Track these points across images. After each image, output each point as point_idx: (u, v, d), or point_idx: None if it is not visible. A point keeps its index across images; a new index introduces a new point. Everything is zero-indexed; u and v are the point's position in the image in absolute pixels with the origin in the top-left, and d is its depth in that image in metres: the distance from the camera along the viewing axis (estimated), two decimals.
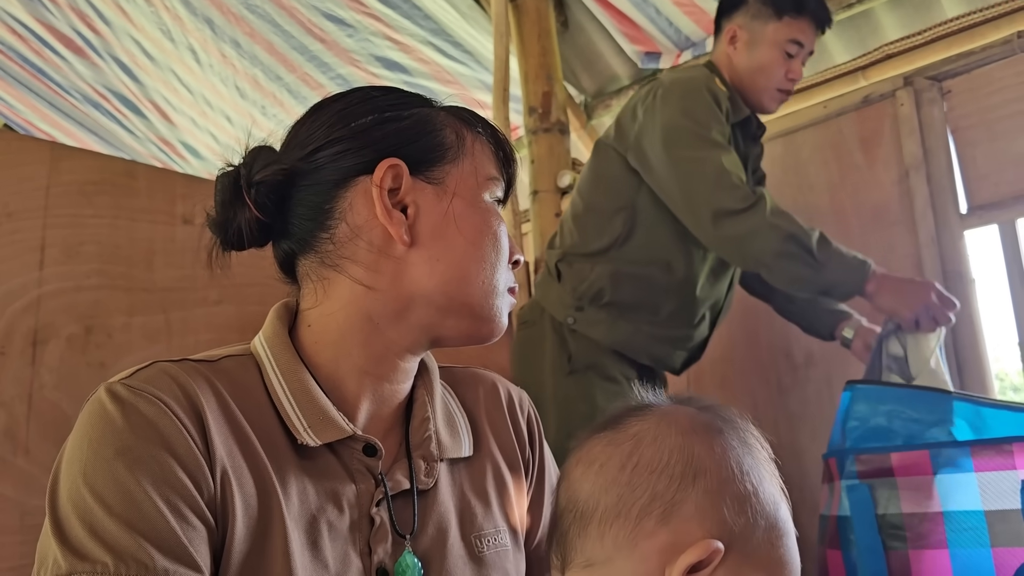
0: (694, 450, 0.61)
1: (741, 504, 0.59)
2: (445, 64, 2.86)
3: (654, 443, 0.62)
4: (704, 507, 0.59)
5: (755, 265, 1.63)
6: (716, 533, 0.58)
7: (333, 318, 0.74)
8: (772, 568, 0.60)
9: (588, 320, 1.72)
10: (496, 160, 0.80)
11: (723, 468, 0.61)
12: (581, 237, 1.79)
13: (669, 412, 0.65)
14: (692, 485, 0.59)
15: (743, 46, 1.76)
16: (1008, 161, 1.90)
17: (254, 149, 0.76)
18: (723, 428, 0.64)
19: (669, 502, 0.59)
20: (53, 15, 3.03)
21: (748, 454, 0.63)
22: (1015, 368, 5.54)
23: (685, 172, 1.63)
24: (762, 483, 0.62)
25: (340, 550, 0.69)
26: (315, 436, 0.70)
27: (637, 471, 0.61)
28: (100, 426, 0.62)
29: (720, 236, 1.61)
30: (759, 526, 0.60)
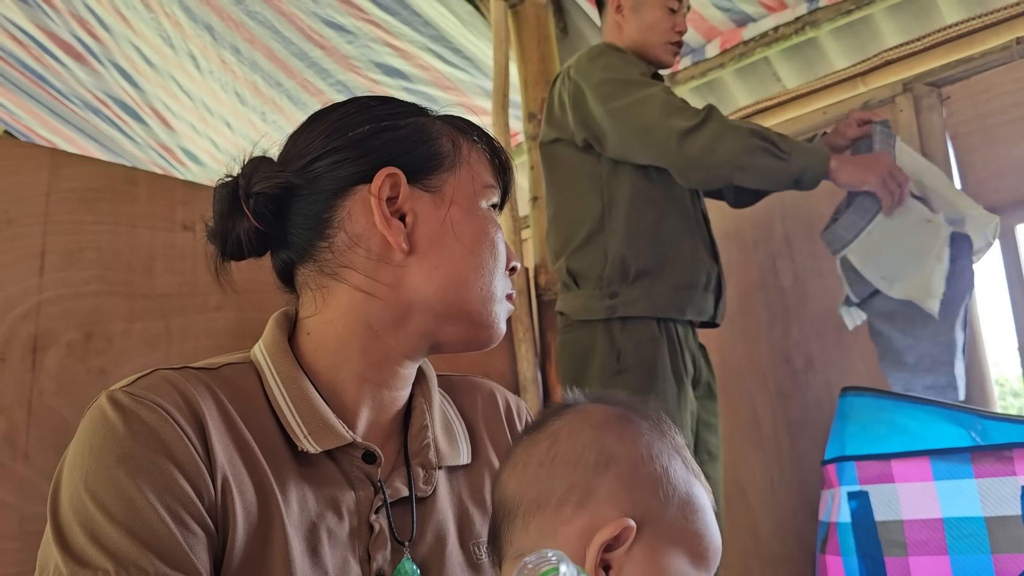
0: (605, 441, 0.65)
1: (653, 485, 0.63)
2: (445, 70, 2.87)
3: (569, 438, 0.66)
4: (616, 490, 0.62)
5: (728, 171, 1.64)
6: (630, 512, 0.61)
7: (332, 326, 0.74)
8: (689, 541, 0.63)
9: (628, 301, 1.70)
10: (492, 168, 0.80)
11: (634, 454, 0.64)
12: (569, 232, 1.79)
13: (583, 409, 0.69)
14: (605, 471, 0.63)
15: (629, 12, 1.85)
16: (1007, 167, 1.90)
17: (252, 160, 0.76)
18: (633, 418, 0.68)
19: (584, 489, 0.62)
20: (53, 21, 3.03)
21: (658, 440, 0.67)
22: (1015, 373, 5.55)
23: (632, 116, 1.68)
24: (672, 465, 0.65)
25: (340, 557, 0.70)
26: (315, 443, 0.70)
27: (555, 464, 0.64)
28: (101, 433, 0.62)
29: (689, 156, 1.63)
30: (672, 504, 0.63)
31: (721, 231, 2.23)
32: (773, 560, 2.17)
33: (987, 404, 1.86)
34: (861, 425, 1.67)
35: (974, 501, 1.47)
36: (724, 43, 2.47)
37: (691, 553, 0.63)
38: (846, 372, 2.07)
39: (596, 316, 1.72)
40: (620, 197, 1.75)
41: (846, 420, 1.69)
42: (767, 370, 2.23)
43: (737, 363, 2.29)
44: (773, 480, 2.19)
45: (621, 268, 1.71)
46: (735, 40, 2.44)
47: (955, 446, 1.53)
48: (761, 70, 2.52)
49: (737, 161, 1.62)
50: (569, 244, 1.79)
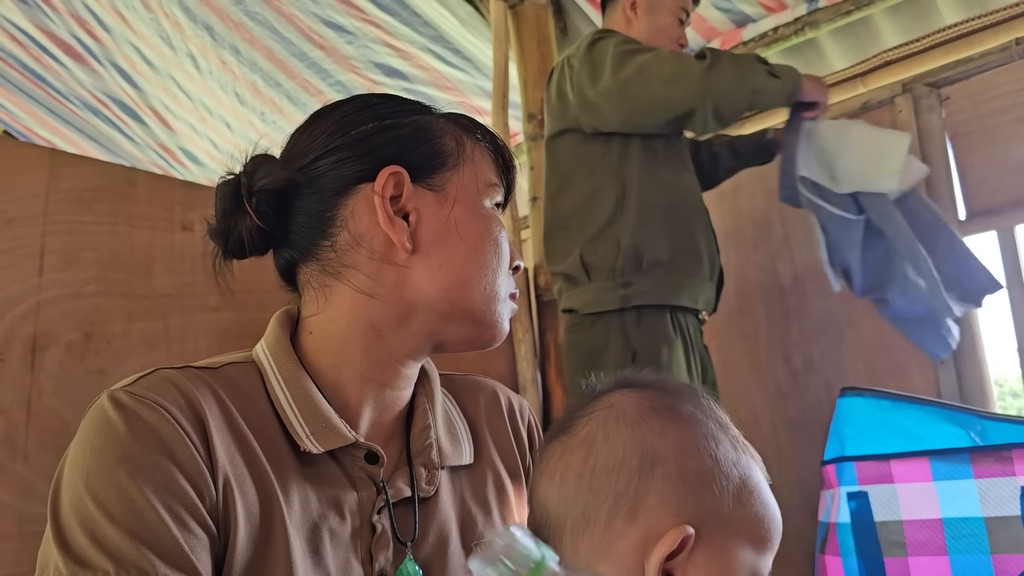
0: (646, 440, 0.61)
1: (703, 480, 0.59)
2: (444, 71, 2.87)
3: (606, 442, 0.61)
4: (667, 494, 0.58)
5: (751, 97, 1.70)
6: (685, 516, 0.58)
7: (335, 325, 0.74)
8: (750, 528, 0.60)
9: (642, 290, 1.69)
10: (496, 166, 0.80)
11: (678, 449, 0.60)
12: (581, 224, 1.78)
13: (615, 404, 0.64)
14: (651, 475, 0.59)
15: (643, 12, 1.88)
16: (1007, 167, 1.90)
17: (254, 157, 0.76)
18: (671, 407, 0.63)
19: (632, 498, 0.58)
20: (53, 22, 3.03)
21: (700, 427, 0.62)
22: (1014, 374, 5.54)
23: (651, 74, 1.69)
24: (721, 449, 0.61)
25: (342, 557, 0.69)
26: (318, 443, 0.70)
27: (595, 476, 0.60)
28: (102, 433, 0.62)
29: (717, 89, 1.66)
30: (727, 494, 0.59)
31: (721, 231, 2.23)
32: (773, 560, 2.17)
33: (986, 405, 1.86)
34: (860, 425, 1.67)
35: (973, 501, 1.47)
36: (724, 43, 2.47)
37: (754, 539, 0.60)
38: (845, 372, 2.07)
39: (610, 307, 1.70)
40: (632, 185, 1.75)
41: (845, 420, 1.70)
42: (766, 370, 2.23)
43: (736, 363, 2.29)
44: (772, 480, 2.18)
45: (635, 257, 1.70)
46: (735, 40, 2.44)
47: (954, 446, 1.54)
48: None
49: (757, 85, 1.68)
50: (582, 235, 1.77)
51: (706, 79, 1.65)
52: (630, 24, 1.88)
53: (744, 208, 2.34)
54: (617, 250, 1.72)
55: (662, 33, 1.86)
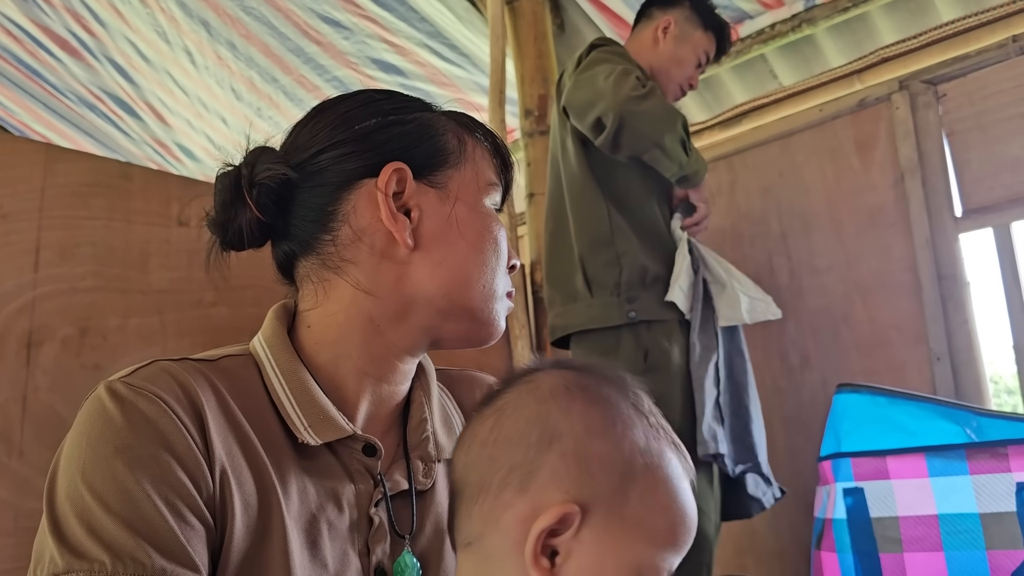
0: (550, 415, 0.59)
1: (601, 463, 0.58)
2: (441, 67, 2.86)
3: (513, 414, 0.61)
4: (560, 471, 0.57)
5: (650, 147, 1.69)
6: (575, 495, 0.56)
7: (334, 319, 0.74)
8: (650, 522, 0.58)
9: (647, 305, 1.71)
10: (495, 165, 0.80)
11: (579, 428, 0.59)
12: (583, 234, 1.78)
13: (534, 379, 0.63)
14: (548, 450, 0.58)
15: (672, 38, 1.91)
16: (1003, 164, 1.91)
17: (255, 149, 0.76)
18: (586, 387, 0.62)
19: (526, 471, 0.58)
20: (48, 16, 3.02)
21: (610, 410, 0.60)
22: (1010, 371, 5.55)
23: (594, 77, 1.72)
24: (629, 436, 0.59)
25: (339, 550, 0.70)
26: (315, 435, 0.70)
27: (496, 445, 0.60)
28: (99, 424, 0.62)
29: (636, 116, 1.66)
30: (627, 481, 0.57)
31: (717, 228, 2.23)
32: (768, 556, 2.18)
33: (982, 401, 1.87)
34: (857, 422, 1.67)
35: (969, 498, 1.47)
36: None
37: (653, 534, 0.58)
38: (841, 369, 2.07)
39: (616, 322, 1.70)
40: (627, 205, 1.77)
41: (842, 417, 1.70)
42: (763, 367, 2.23)
43: None
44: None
45: (639, 273, 1.72)
46: (732, 37, 2.44)
47: (950, 443, 1.54)
48: (758, 67, 2.52)
49: (663, 142, 1.68)
50: (581, 247, 1.78)
51: (630, 103, 1.65)
52: (656, 45, 1.91)
53: (741, 205, 2.34)
54: (619, 265, 1.73)
55: (679, 65, 1.90)
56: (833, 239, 2.14)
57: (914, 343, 1.98)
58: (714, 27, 1.93)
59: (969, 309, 1.94)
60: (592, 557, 0.56)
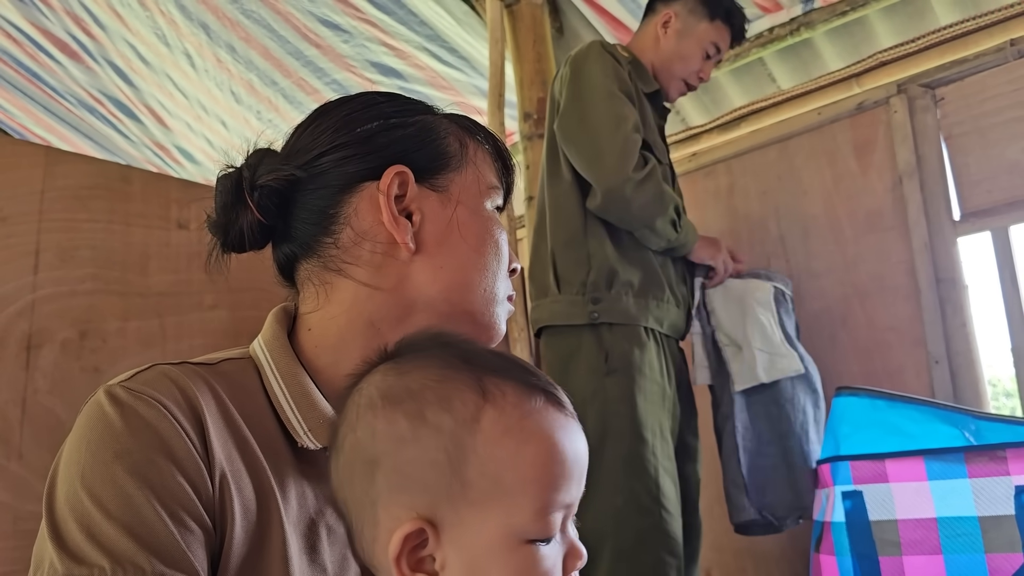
0: (361, 443, 0.58)
1: (422, 464, 0.55)
2: (440, 70, 2.87)
3: (342, 449, 0.60)
4: (393, 491, 0.56)
5: (642, 229, 1.71)
6: (418, 507, 0.55)
7: (334, 322, 0.74)
8: (501, 483, 0.54)
9: (609, 308, 1.69)
10: (496, 169, 0.80)
11: (389, 444, 0.56)
12: (556, 231, 1.78)
13: (351, 400, 0.61)
14: (375, 477, 0.56)
15: (673, 32, 1.87)
16: (1001, 168, 1.91)
17: (257, 151, 0.76)
18: (391, 388, 0.59)
19: (369, 505, 0.57)
20: (48, 19, 3.02)
21: (416, 400, 0.57)
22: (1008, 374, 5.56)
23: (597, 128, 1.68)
24: (442, 419, 0.55)
25: (338, 554, 0.70)
26: (315, 439, 0.70)
27: (341, 489, 0.60)
28: (99, 429, 0.62)
29: (632, 202, 1.66)
30: (456, 463, 0.54)
31: (716, 231, 2.24)
32: (767, 559, 2.18)
33: (980, 405, 1.87)
34: (855, 425, 1.67)
35: (968, 501, 1.47)
36: None
37: (513, 493, 0.54)
38: (840, 372, 2.07)
39: (578, 321, 1.71)
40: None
41: (840, 420, 1.70)
42: None
43: None
44: None
45: (607, 275, 1.70)
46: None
47: (949, 446, 1.54)
48: (756, 71, 2.52)
49: (654, 225, 1.70)
50: (553, 244, 1.78)
51: (635, 191, 1.65)
52: (658, 42, 1.88)
53: (739, 208, 2.34)
54: (588, 265, 1.72)
55: (683, 61, 1.86)
56: (831, 242, 2.15)
57: (912, 346, 1.98)
58: (723, 15, 1.87)
59: (967, 312, 1.94)
60: (464, 553, 0.54)
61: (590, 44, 1.82)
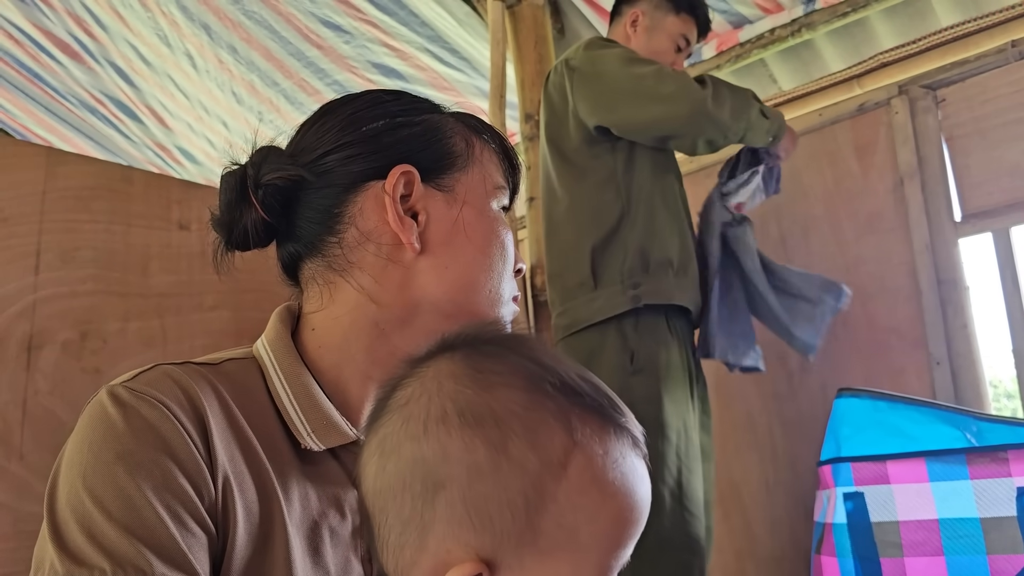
0: (427, 460, 0.52)
1: (496, 502, 0.50)
2: (442, 71, 2.87)
3: (392, 457, 0.54)
4: (454, 523, 0.50)
5: (743, 133, 1.74)
6: (476, 545, 0.50)
7: (338, 322, 0.73)
8: (576, 534, 0.51)
9: (650, 289, 1.69)
10: (503, 169, 0.80)
11: (462, 472, 0.51)
12: (589, 230, 1.76)
13: (408, 403, 0.55)
14: (435, 501, 0.51)
15: (643, 30, 1.89)
16: (1002, 169, 1.91)
17: (262, 149, 0.75)
18: (469, 405, 0.53)
19: (419, 526, 0.52)
20: (50, 20, 3.03)
21: (500, 427, 0.51)
22: (1009, 375, 5.56)
23: (656, 84, 1.70)
24: (527, 456, 0.51)
25: (341, 556, 0.69)
26: (319, 440, 0.70)
27: (384, 495, 0.54)
28: (101, 429, 0.61)
29: (719, 119, 1.68)
30: (535, 507, 0.50)
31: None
32: (768, 561, 2.17)
33: (981, 406, 1.87)
34: (857, 426, 1.67)
35: (969, 502, 1.47)
36: (720, 45, 2.47)
37: (585, 546, 0.51)
38: (841, 373, 2.07)
39: (619, 310, 1.68)
40: (640, 191, 1.75)
41: (842, 421, 1.70)
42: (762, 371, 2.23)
43: None
44: (768, 481, 2.19)
45: (642, 259, 1.70)
46: (731, 42, 2.44)
47: (950, 447, 1.54)
48: (757, 72, 2.52)
49: (751, 121, 1.72)
50: (590, 242, 1.75)
51: (706, 108, 1.66)
52: (628, 41, 1.89)
53: None
54: (625, 254, 1.72)
55: (657, 57, 1.85)
56: (832, 243, 2.15)
57: (913, 347, 1.98)
58: (687, 7, 1.89)
59: (968, 313, 1.94)
60: None
61: (588, 41, 1.82)
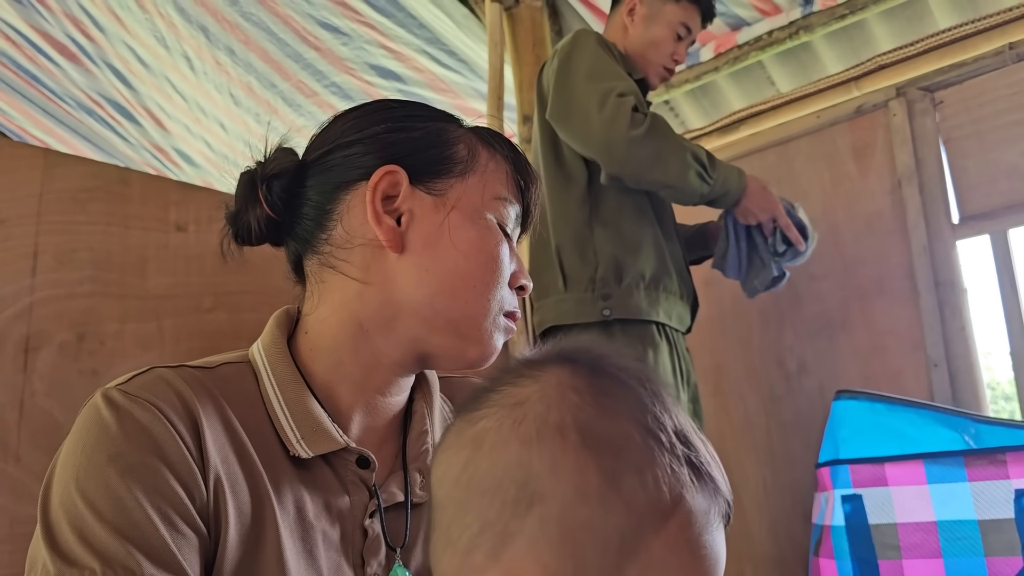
0: (532, 468, 0.48)
1: (593, 534, 0.47)
2: (440, 73, 2.86)
3: (491, 453, 0.50)
4: (539, 541, 0.47)
5: (660, 187, 1.66)
6: (555, 571, 0.46)
7: (326, 324, 0.74)
8: None
9: (621, 304, 1.65)
10: (511, 183, 0.78)
11: (567, 491, 0.47)
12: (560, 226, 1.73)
13: (523, 402, 0.51)
14: (526, 513, 0.47)
15: (640, 19, 1.82)
16: (1000, 171, 1.91)
17: (276, 150, 0.78)
18: (589, 423, 0.49)
19: (500, 533, 0.48)
20: (47, 21, 3.02)
21: (617, 458, 0.48)
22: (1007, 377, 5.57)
23: (587, 100, 1.64)
24: (634, 497, 0.47)
25: (334, 561, 0.69)
26: (307, 447, 0.70)
27: (469, 490, 0.50)
28: (94, 431, 0.62)
29: (634, 162, 1.60)
30: (626, 553, 0.47)
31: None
32: (766, 562, 2.17)
33: (979, 408, 1.87)
34: (855, 428, 1.67)
35: (967, 504, 1.47)
36: (718, 47, 2.47)
37: None
38: (839, 375, 2.07)
39: (588, 319, 1.66)
40: (607, 201, 1.71)
41: (840, 423, 1.70)
42: (760, 373, 2.23)
43: (730, 366, 2.29)
44: (766, 482, 2.19)
45: (615, 269, 1.67)
46: (729, 44, 2.45)
47: (948, 449, 1.54)
48: (755, 74, 2.52)
49: (671, 181, 1.63)
50: (556, 240, 1.73)
51: (619, 145, 1.58)
52: (626, 31, 1.84)
53: None
54: (596, 260, 1.68)
55: (655, 47, 1.81)
56: (830, 245, 2.15)
57: (911, 349, 1.98)
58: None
59: (966, 315, 1.94)
60: None
61: (576, 32, 1.78)
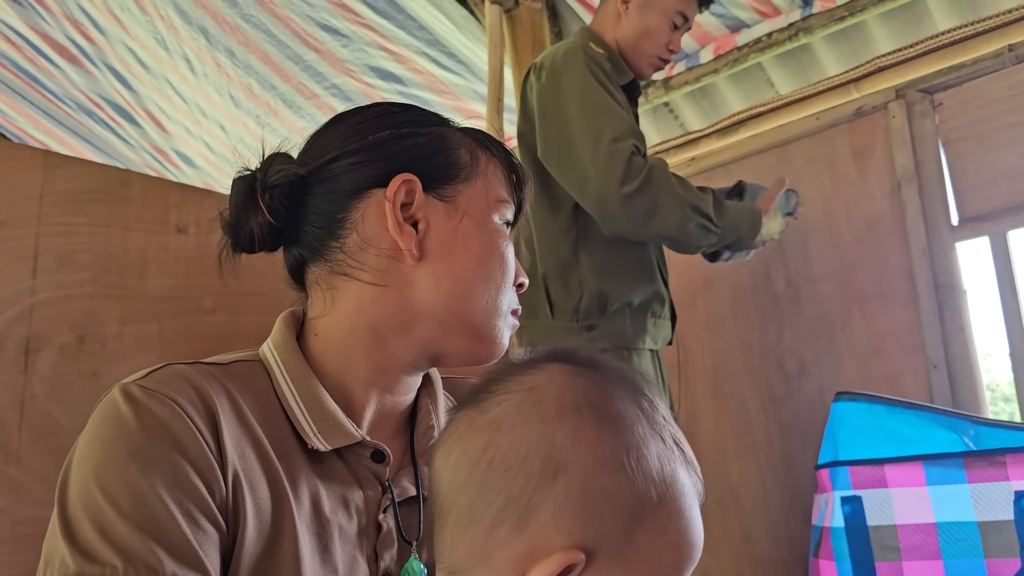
0: (555, 441, 0.52)
1: (611, 500, 0.51)
2: (439, 74, 2.87)
3: (512, 433, 0.54)
4: (564, 510, 0.51)
5: (660, 239, 1.63)
6: (579, 538, 0.50)
7: (339, 328, 0.75)
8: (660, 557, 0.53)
9: (605, 333, 1.62)
10: (508, 183, 0.81)
11: (589, 460, 0.52)
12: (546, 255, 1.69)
13: (537, 388, 0.55)
14: (551, 484, 0.51)
15: (635, 7, 1.75)
16: (999, 173, 1.91)
17: (271, 155, 0.78)
18: (598, 404, 0.54)
19: (525, 506, 0.51)
20: (47, 23, 3.02)
21: (624, 434, 0.53)
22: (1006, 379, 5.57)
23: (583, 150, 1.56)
24: (641, 467, 0.52)
25: (348, 555, 0.70)
26: (325, 441, 0.71)
27: (491, 469, 0.53)
28: (113, 427, 0.62)
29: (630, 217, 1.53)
30: (637, 519, 0.51)
31: None
32: (765, 564, 2.17)
33: (979, 409, 1.87)
34: (854, 430, 1.67)
35: (967, 506, 1.48)
36: (718, 48, 2.48)
37: (662, 569, 0.53)
38: (839, 377, 2.08)
39: None
40: (594, 228, 1.64)
41: (839, 425, 1.70)
42: (760, 374, 2.23)
43: (730, 367, 2.30)
44: (766, 484, 2.19)
45: (599, 301, 1.63)
46: (729, 46, 2.45)
47: (948, 451, 1.54)
48: (755, 76, 2.53)
49: (670, 233, 1.57)
50: (543, 268, 1.69)
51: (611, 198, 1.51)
52: (619, 20, 1.77)
53: None
54: (580, 290, 1.65)
55: (650, 36, 1.75)
56: (830, 247, 2.15)
57: (911, 351, 1.98)
58: None
59: (966, 317, 1.94)
60: None
61: (563, 53, 1.67)
